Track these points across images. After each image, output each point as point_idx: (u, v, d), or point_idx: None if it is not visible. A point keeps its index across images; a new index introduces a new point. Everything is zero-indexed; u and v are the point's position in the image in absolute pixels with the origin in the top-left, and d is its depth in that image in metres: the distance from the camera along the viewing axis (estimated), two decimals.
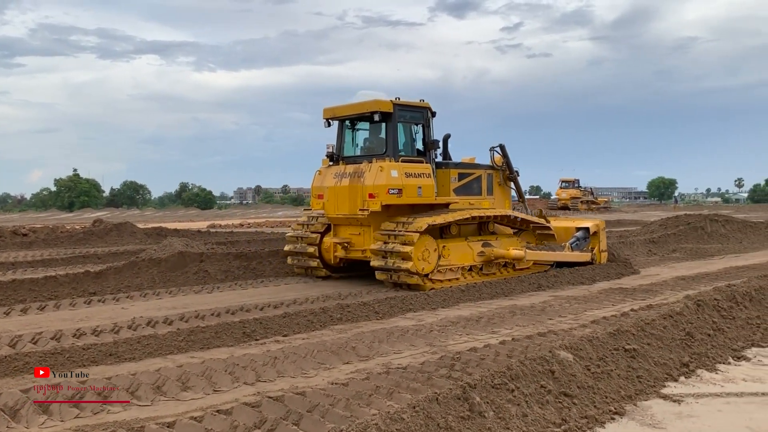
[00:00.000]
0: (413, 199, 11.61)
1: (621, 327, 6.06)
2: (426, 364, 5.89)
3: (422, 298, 9.63)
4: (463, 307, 9.42)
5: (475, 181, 13.38)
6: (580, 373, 4.98)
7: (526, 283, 11.37)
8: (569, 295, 10.45)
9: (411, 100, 12.05)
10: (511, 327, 7.83)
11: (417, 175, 11.67)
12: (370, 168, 11.51)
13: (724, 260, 15.69)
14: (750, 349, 6.48)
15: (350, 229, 12.31)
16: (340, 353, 6.39)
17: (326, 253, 12.49)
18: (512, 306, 9.33)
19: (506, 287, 10.95)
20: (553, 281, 11.76)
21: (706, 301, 7.27)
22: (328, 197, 12.17)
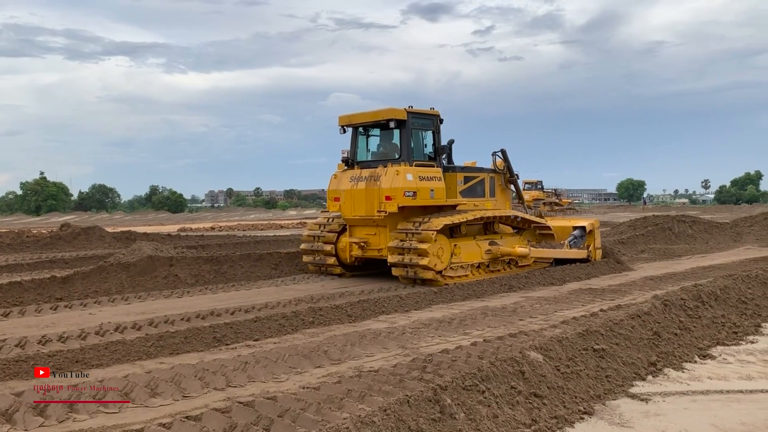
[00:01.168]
0: (426, 201, 12.44)
1: (590, 327, 6.13)
2: (398, 366, 5.90)
3: (395, 301, 9.65)
4: (436, 308, 9.45)
5: (479, 183, 14.18)
6: (549, 374, 5.03)
7: (497, 285, 11.47)
8: (540, 295, 10.55)
9: (422, 108, 12.96)
10: (483, 328, 7.87)
11: (429, 179, 12.53)
12: (386, 172, 12.30)
13: (691, 260, 15.98)
14: (715, 347, 6.61)
15: (366, 230, 13.07)
16: (312, 357, 6.36)
17: (342, 252, 13.33)
18: (484, 307, 9.38)
19: (478, 288, 11.03)
20: (524, 282, 11.89)
21: (673, 301, 7.40)
22: (344, 200, 12.94)
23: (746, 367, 5.87)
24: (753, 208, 60.17)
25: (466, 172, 13.90)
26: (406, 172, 12.16)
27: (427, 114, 13.09)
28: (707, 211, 52.76)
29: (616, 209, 69.14)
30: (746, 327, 7.39)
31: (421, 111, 12.92)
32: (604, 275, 13.24)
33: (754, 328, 7.40)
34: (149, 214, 73.16)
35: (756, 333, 7.23)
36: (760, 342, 6.84)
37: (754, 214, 28.34)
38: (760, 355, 6.29)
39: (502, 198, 14.75)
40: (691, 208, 68.59)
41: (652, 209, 61.89)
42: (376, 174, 12.47)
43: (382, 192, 12.19)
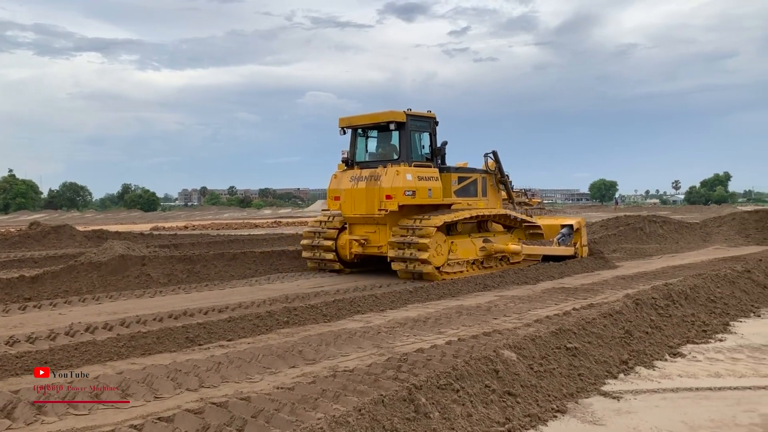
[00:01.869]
0: (424, 200, 12.98)
1: (563, 326, 6.19)
2: (373, 366, 5.88)
3: (370, 300, 9.63)
4: (411, 308, 9.46)
5: (472, 183, 14.74)
6: (523, 372, 5.06)
7: (472, 284, 11.52)
8: (514, 294, 10.62)
9: (420, 111, 13.55)
10: (458, 327, 7.90)
11: (427, 179, 13.08)
12: (387, 172, 12.80)
13: (661, 260, 16.23)
14: (685, 345, 6.71)
15: (366, 228, 13.53)
16: (287, 357, 6.32)
17: (342, 249, 13.78)
18: (459, 306, 9.42)
19: (453, 288, 11.06)
20: (498, 281, 11.97)
21: (645, 299, 7.51)
22: (344, 199, 13.41)
23: (715, 365, 5.98)
24: (722, 208, 61.41)
25: (460, 173, 14.42)
26: (405, 172, 12.69)
27: (424, 116, 13.65)
28: (677, 212, 53.68)
29: (588, 209, 69.98)
30: (715, 325, 7.52)
31: (418, 113, 13.49)
32: (577, 274, 13.38)
33: (723, 327, 7.53)
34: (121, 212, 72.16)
35: (724, 331, 7.36)
36: (728, 340, 6.97)
37: (722, 214, 28.88)
38: (729, 353, 6.40)
39: (493, 197, 15.30)
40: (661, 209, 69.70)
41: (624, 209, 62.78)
42: (377, 174, 12.95)
43: (382, 191, 12.68)
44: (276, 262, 14.61)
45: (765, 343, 6.78)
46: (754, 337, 7.09)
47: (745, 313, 8.40)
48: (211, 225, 39.00)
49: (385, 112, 13.15)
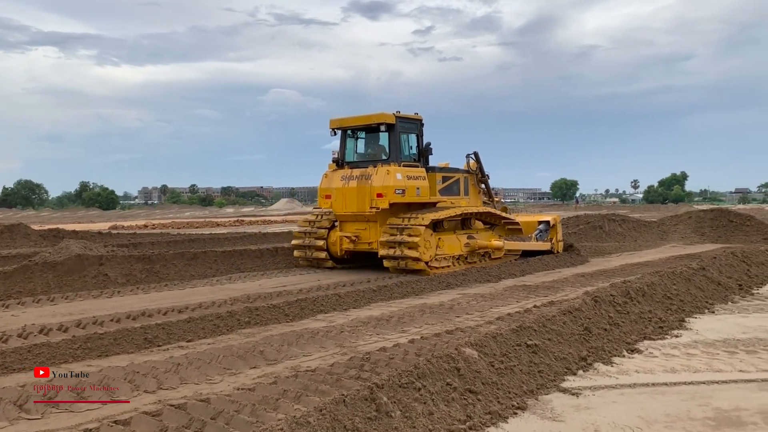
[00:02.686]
0: (413, 198, 13.63)
1: (524, 323, 6.25)
2: (335, 365, 5.86)
3: (334, 299, 9.59)
4: (375, 307, 9.46)
5: (455, 183, 15.44)
6: (484, 370, 5.09)
7: (435, 282, 11.58)
8: (476, 292, 10.71)
9: (408, 114, 14.21)
10: (421, 325, 7.92)
11: (415, 178, 13.74)
12: (377, 171, 13.36)
13: (620, 258, 16.56)
14: (642, 342, 6.85)
15: (356, 225, 14.11)
16: (247, 358, 6.25)
17: (333, 246, 14.31)
18: (422, 305, 9.45)
19: (417, 286, 11.10)
20: (461, 279, 12.05)
21: (603, 297, 7.64)
22: (335, 197, 13.94)
23: (671, 361, 6.11)
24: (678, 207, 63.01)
25: (444, 173, 15.13)
26: (395, 172, 13.32)
27: (411, 118, 14.33)
28: (636, 210, 54.81)
29: (549, 208, 71.00)
30: (671, 322, 7.69)
31: (406, 116, 14.14)
32: (539, 272, 13.57)
33: (679, 323, 7.71)
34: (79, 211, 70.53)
35: (680, 327, 7.54)
36: (683, 336, 7.14)
37: (679, 213, 29.59)
38: (684, 349, 6.56)
39: (474, 196, 16.03)
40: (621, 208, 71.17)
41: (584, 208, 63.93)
42: (367, 173, 13.49)
43: (373, 190, 13.23)
44: (238, 262, 14.46)
45: (719, 339, 6.96)
46: (708, 332, 7.27)
47: (700, 309, 8.62)
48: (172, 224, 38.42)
49: (376, 114, 13.74)
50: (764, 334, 7.15)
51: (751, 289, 10.31)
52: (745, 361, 6.05)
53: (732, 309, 8.77)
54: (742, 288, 10.29)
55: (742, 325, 7.65)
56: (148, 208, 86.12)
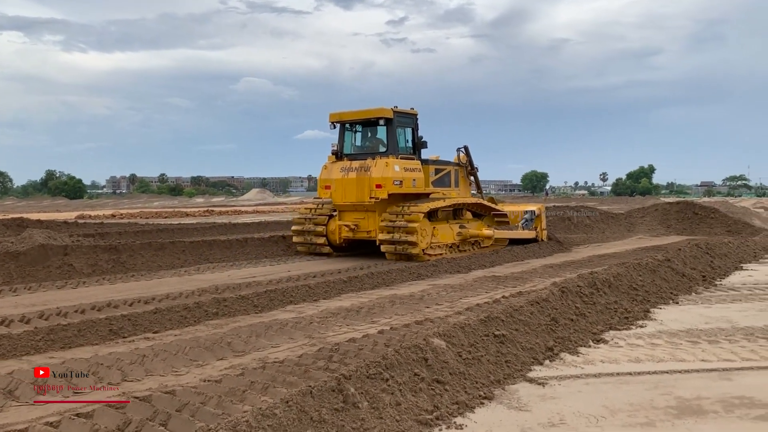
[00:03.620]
0: (410, 189, 14.40)
1: (492, 313, 6.29)
2: (304, 356, 5.83)
3: (303, 290, 9.53)
4: (345, 297, 9.44)
5: (447, 175, 16.24)
6: (452, 360, 5.11)
7: (406, 273, 11.60)
8: (446, 283, 10.75)
9: (404, 108, 14.95)
10: (391, 316, 7.93)
11: (412, 170, 14.56)
12: (376, 163, 14.13)
13: (588, 249, 16.78)
14: (608, 332, 6.95)
15: (355, 214, 14.86)
16: (215, 349, 6.18)
17: (332, 234, 15.07)
18: (392, 295, 9.46)
19: (387, 277, 11.10)
20: (432, 271, 12.09)
21: (570, 287, 7.73)
22: (335, 188, 14.71)
23: (635, 350, 6.21)
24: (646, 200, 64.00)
25: (436, 165, 15.88)
26: (394, 164, 14.08)
27: (408, 113, 15.08)
28: (604, 203, 55.57)
29: (520, 200, 71.66)
30: (636, 312, 7.82)
31: (403, 110, 14.88)
32: (508, 263, 13.69)
33: (644, 314, 7.84)
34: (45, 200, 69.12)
35: (645, 318, 7.66)
36: (648, 326, 7.25)
37: (646, 205, 30.06)
38: (648, 339, 6.66)
39: (464, 188, 16.87)
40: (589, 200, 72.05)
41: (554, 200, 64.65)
42: (366, 165, 14.25)
43: (372, 181, 14.00)
44: (207, 252, 14.30)
45: (682, 329, 7.09)
46: (672, 323, 7.41)
47: (665, 300, 8.78)
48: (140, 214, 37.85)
49: (375, 108, 14.53)
50: (726, 324, 7.30)
51: (714, 281, 10.53)
52: (707, 351, 6.17)
53: (695, 300, 8.95)
54: (706, 279, 10.50)
55: (705, 316, 7.81)
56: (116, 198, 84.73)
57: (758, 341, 6.54)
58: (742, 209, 27.28)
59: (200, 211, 41.78)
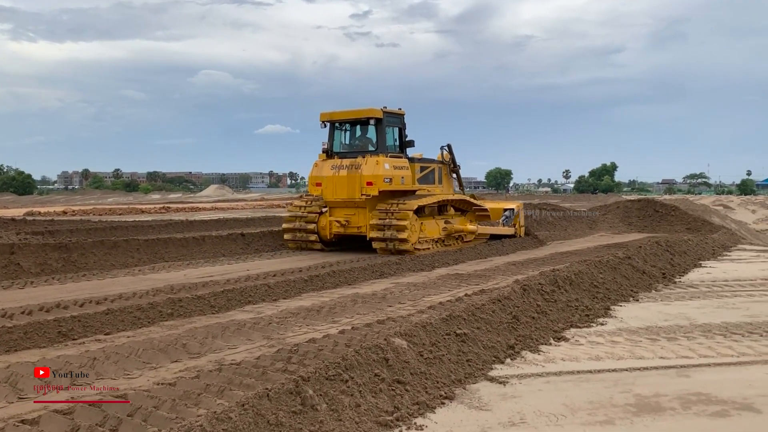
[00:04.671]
0: (398, 186, 15.18)
1: (454, 312, 6.33)
2: (262, 358, 5.77)
3: (263, 290, 9.44)
4: (306, 297, 9.38)
5: (431, 172, 17.05)
6: (413, 360, 5.13)
7: (369, 271, 11.59)
8: (410, 281, 10.78)
9: (393, 109, 15.78)
10: (352, 315, 7.91)
11: (400, 168, 15.35)
12: (367, 161, 14.91)
13: (550, 246, 17.03)
14: (569, 330, 7.06)
15: (345, 210, 15.54)
16: (169, 351, 6.08)
17: (323, 230, 15.75)
18: (354, 294, 9.44)
19: (349, 276, 11.08)
20: (395, 269, 12.11)
21: (532, 285, 7.83)
22: (326, 185, 15.41)
23: (596, 348, 6.32)
24: (608, 197, 65.32)
25: (421, 163, 16.64)
26: (384, 162, 14.83)
27: (396, 113, 15.89)
28: (567, 200, 56.52)
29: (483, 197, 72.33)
30: (597, 310, 7.96)
31: (392, 111, 15.69)
32: (471, 260, 13.80)
33: (604, 311, 7.99)
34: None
35: (606, 315, 7.81)
36: (609, 324, 7.40)
37: (608, 203, 30.68)
38: (609, 337, 6.79)
39: (447, 185, 17.74)
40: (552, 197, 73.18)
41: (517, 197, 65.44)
42: (357, 163, 15.02)
43: (363, 178, 14.76)
44: (162, 251, 14.07)
45: (642, 326, 7.24)
46: (632, 320, 7.56)
47: (625, 297, 8.96)
48: (93, 210, 37.01)
49: (365, 109, 15.31)
50: (684, 322, 7.49)
51: (673, 278, 10.79)
52: (666, 348, 6.32)
53: (655, 297, 9.15)
54: (666, 276, 10.76)
55: (664, 313, 7.99)
56: (68, 194, 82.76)
57: (715, 338, 6.73)
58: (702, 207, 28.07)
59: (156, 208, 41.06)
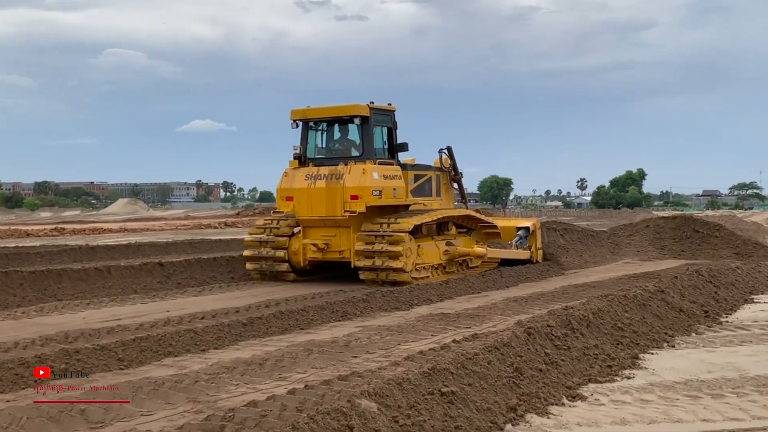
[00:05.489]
0: (389, 201, 15.50)
1: (438, 364, 6.35)
2: (186, 428, 5.72)
3: (187, 337, 9.38)
4: (244, 345, 9.35)
5: (427, 182, 17.49)
6: (386, 428, 5.12)
7: (327, 311, 11.58)
8: (381, 324, 10.79)
9: (381, 105, 16.23)
10: (305, 370, 7.89)
11: (391, 177, 15.67)
12: (350, 170, 15.15)
13: (561, 277, 17.19)
14: (587, 385, 7.11)
15: (324, 231, 15.86)
16: (63, 420, 5.99)
17: (295, 256, 15.93)
18: (309, 342, 9.41)
19: (302, 318, 11.05)
20: (362, 307, 12.11)
21: (539, 328, 7.89)
22: (299, 199, 15.77)
23: (621, 409, 6.37)
24: (634, 213, 66.12)
25: (415, 170, 17.13)
26: (372, 171, 15.11)
27: (385, 110, 16.36)
28: (583, 217, 57.39)
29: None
30: (622, 359, 8.04)
31: (380, 107, 16.18)
32: (460, 296, 13.86)
33: (631, 361, 8.07)
34: None
35: (633, 366, 7.89)
36: (637, 377, 7.47)
37: (635, 221, 31.06)
38: (637, 394, 6.86)
39: (446, 197, 18.24)
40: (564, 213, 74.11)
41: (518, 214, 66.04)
42: (338, 172, 15.30)
43: (346, 191, 14.98)
44: (53, 286, 13.95)
45: (679, 380, 7.32)
46: (666, 372, 7.65)
47: (658, 343, 9.07)
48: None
49: (348, 105, 15.80)
50: (733, 373, 7.59)
51: (718, 317, 10.96)
52: (710, 408, 6.40)
53: (696, 342, 9.29)
54: (709, 315, 10.91)
55: (708, 363, 8.10)
56: None
57: None
58: (754, 225, 28.67)
59: (46, 229, 40.63)
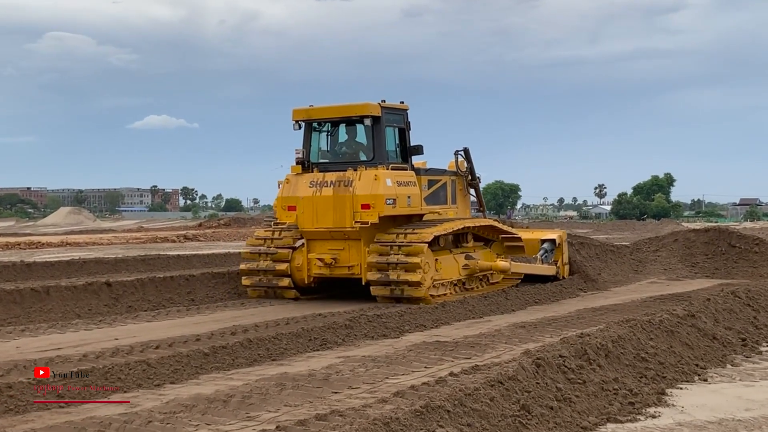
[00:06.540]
0: (404, 210, 16.11)
1: (432, 401, 6.34)
2: None
3: (139, 369, 9.34)
4: (206, 380, 9.32)
5: (442, 188, 18.19)
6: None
7: (303, 339, 11.55)
8: (366, 354, 10.78)
9: (393, 103, 16.84)
10: (278, 408, 7.87)
11: (405, 184, 16.25)
12: (360, 176, 15.70)
13: (577, 299, 17.20)
14: (605, 425, 7.12)
15: (331, 244, 16.37)
16: None
17: (298, 272, 16.55)
18: (281, 375, 9.40)
19: (274, 347, 11.01)
20: (344, 335, 12.08)
21: (549, 359, 7.89)
22: (303, 209, 16.24)
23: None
24: (661, 225, 66.15)
25: (429, 175, 17.76)
26: (385, 177, 15.63)
27: (398, 109, 17.02)
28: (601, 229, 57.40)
29: None
30: (646, 395, 8.04)
31: (392, 106, 16.79)
32: (459, 321, 13.84)
33: (657, 397, 8.07)
34: None
35: (658, 403, 7.89)
36: (663, 416, 7.47)
37: (662, 234, 31.09)
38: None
39: (463, 204, 18.96)
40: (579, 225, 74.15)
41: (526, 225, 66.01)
42: (346, 178, 15.85)
43: (357, 199, 15.51)
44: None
45: (712, 419, 7.33)
46: (697, 410, 7.65)
47: (688, 376, 9.07)
48: None
49: (357, 104, 16.36)
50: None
51: (758, 346, 10.99)
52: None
53: (732, 375, 9.31)
54: (746, 344, 10.94)
55: (745, 399, 8.12)
56: None
57: None
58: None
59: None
